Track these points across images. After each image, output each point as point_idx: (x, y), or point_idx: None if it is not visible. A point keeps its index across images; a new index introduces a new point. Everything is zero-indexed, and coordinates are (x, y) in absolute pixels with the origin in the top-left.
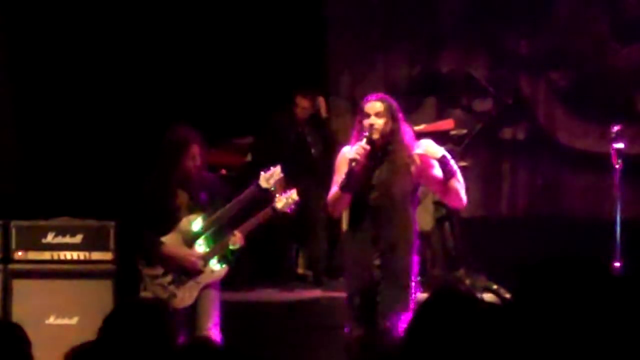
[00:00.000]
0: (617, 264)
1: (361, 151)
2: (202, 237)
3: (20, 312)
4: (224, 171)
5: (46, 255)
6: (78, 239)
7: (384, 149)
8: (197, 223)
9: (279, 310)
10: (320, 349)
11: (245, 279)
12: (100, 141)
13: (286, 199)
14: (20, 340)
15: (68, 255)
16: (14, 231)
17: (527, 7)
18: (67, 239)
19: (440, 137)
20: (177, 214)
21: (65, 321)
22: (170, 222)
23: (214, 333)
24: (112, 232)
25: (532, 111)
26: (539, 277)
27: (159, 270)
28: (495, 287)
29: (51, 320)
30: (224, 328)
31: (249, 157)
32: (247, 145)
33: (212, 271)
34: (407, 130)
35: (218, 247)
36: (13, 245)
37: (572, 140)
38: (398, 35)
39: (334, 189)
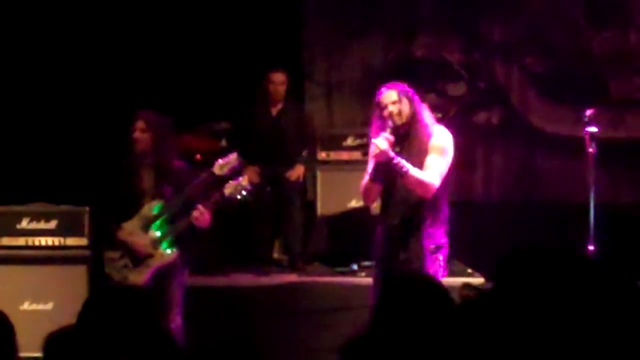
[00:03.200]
0: (591, 248)
1: (385, 142)
2: (158, 221)
3: None
4: (198, 156)
5: (21, 241)
6: (52, 224)
7: (406, 134)
8: (155, 207)
9: (254, 295)
10: (296, 334)
11: (220, 264)
12: (74, 126)
13: (235, 186)
14: (4, 326)
15: (42, 241)
16: None
17: None
18: (42, 225)
19: None
20: (141, 198)
21: (40, 307)
22: (133, 206)
23: (177, 318)
24: (86, 217)
25: (506, 96)
26: (515, 267)
27: (117, 254)
28: (469, 271)
29: (26, 306)
30: (199, 313)
31: (223, 143)
32: (222, 131)
33: (162, 255)
34: (425, 115)
35: (170, 231)
36: None
37: (546, 125)
38: (374, 20)
39: (365, 179)
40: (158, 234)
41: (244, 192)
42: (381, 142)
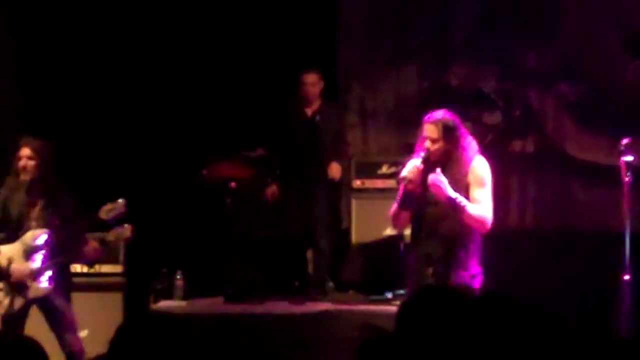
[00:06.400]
0: (627, 277)
1: (414, 170)
2: (40, 252)
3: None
4: (233, 184)
5: None
6: None
7: (442, 166)
8: (39, 238)
9: (288, 322)
10: None
11: (254, 292)
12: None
13: (118, 235)
14: (38, 354)
15: (78, 267)
16: None
17: (536, 21)
18: None
19: None
20: (26, 224)
21: None
22: (16, 231)
23: (78, 338)
24: (122, 244)
25: (541, 124)
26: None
27: None
28: None
29: None
30: (234, 341)
31: (260, 152)
32: (256, 158)
33: (37, 288)
34: (467, 147)
35: (50, 265)
36: None
37: (581, 153)
38: (409, 48)
39: (394, 206)
40: (38, 265)
41: (124, 242)
42: (412, 169)
